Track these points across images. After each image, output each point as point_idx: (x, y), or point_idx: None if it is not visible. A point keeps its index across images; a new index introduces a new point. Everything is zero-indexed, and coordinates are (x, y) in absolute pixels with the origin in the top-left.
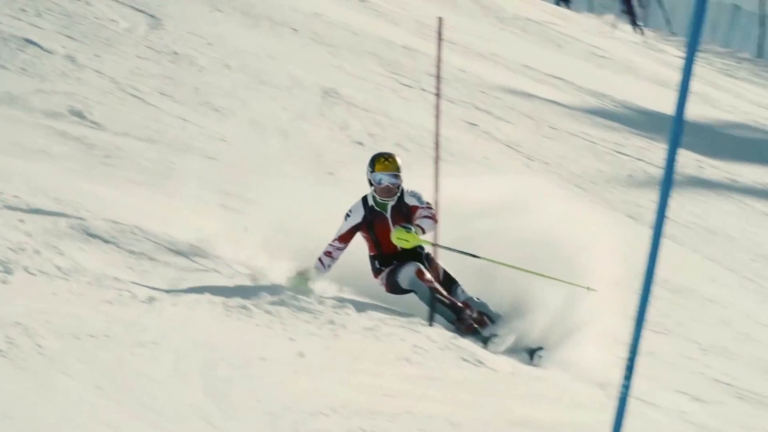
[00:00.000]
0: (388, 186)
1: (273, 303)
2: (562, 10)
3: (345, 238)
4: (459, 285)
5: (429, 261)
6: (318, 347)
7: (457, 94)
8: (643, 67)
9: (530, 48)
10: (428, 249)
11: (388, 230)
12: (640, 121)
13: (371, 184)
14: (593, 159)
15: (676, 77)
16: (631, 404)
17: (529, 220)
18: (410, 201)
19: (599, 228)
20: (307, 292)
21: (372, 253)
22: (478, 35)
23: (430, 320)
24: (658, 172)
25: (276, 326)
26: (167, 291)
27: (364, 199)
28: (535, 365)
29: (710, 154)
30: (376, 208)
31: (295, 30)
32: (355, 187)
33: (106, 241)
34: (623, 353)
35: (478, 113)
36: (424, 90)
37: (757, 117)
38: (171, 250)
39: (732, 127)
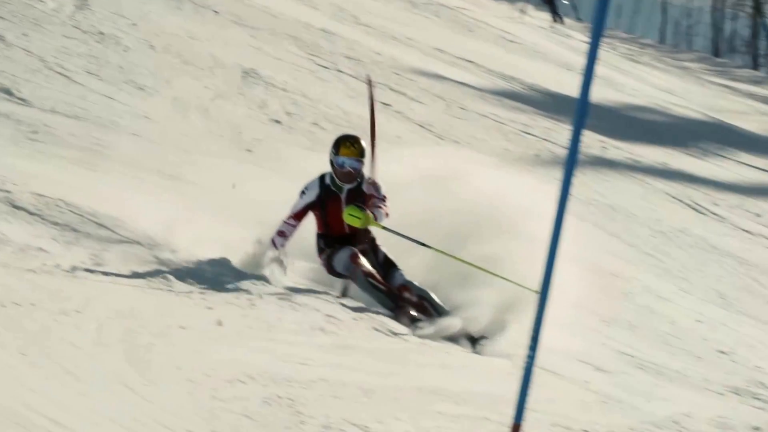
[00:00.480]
0: (349, 171)
1: (192, 274)
2: None
3: (299, 215)
4: (399, 270)
5: (373, 246)
6: (236, 316)
7: (372, 76)
8: (550, 51)
9: (442, 32)
10: (376, 234)
11: (340, 212)
12: (547, 103)
13: (333, 166)
14: (501, 139)
15: (582, 61)
16: (537, 374)
17: (466, 188)
18: (368, 190)
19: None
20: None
21: (320, 232)
22: (393, 20)
23: (344, 293)
24: (563, 152)
25: (195, 296)
26: (90, 261)
27: (322, 178)
28: (477, 353)
29: (613, 136)
30: (332, 188)
31: (216, 12)
32: (276, 165)
33: (31, 213)
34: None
35: (392, 94)
36: (340, 71)
37: (658, 100)
38: (95, 223)
39: (634, 109)
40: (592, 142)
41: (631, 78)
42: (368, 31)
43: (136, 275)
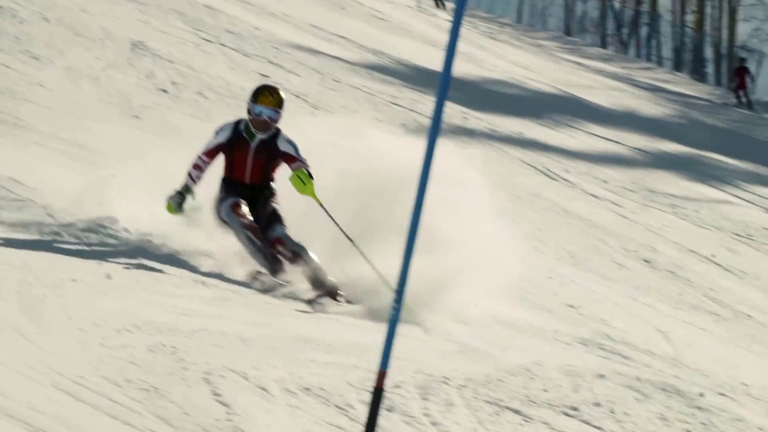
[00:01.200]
0: (265, 120)
1: (83, 230)
2: None
3: (211, 153)
4: (282, 225)
5: (266, 200)
6: (124, 270)
7: (252, 50)
8: (416, 29)
9: (317, 10)
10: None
11: (245, 159)
12: (413, 76)
13: (249, 114)
14: (371, 109)
15: (445, 39)
16: (401, 327)
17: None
18: (284, 147)
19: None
20: (178, 214)
21: (224, 176)
22: None
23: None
24: (428, 122)
25: (86, 251)
26: None
27: (237, 123)
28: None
29: (473, 107)
30: (244, 135)
31: None
32: (162, 131)
33: None
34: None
35: (270, 66)
36: (222, 45)
37: (515, 75)
38: None
39: (493, 83)
40: (454, 112)
41: (491, 54)
42: (248, 7)
43: (30, 232)
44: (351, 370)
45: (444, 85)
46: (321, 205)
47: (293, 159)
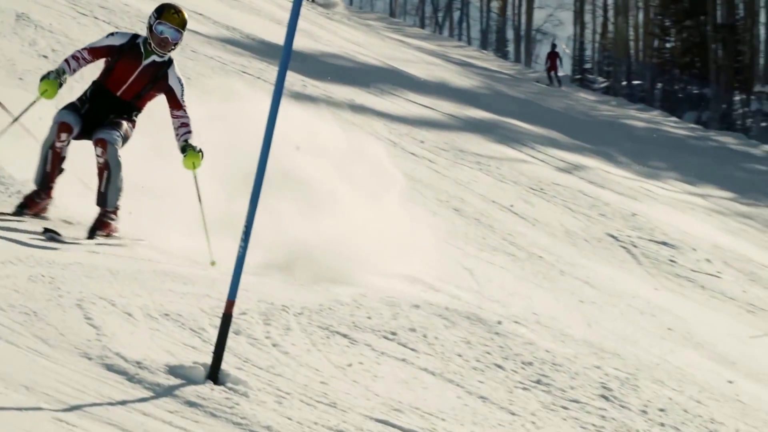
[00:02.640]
0: (167, 38)
1: None
2: None
3: (95, 53)
4: (118, 135)
5: (121, 118)
6: (9, 211)
7: (122, 23)
8: (264, 9)
9: None
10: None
11: (129, 73)
12: (261, 49)
13: (150, 31)
14: (224, 76)
15: (287, 17)
16: (246, 265)
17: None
18: (173, 82)
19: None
20: (52, 92)
21: (97, 79)
22: None
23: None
24: (272, 87)
25: None
26: None
27: (135, 36)
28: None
29: (312, 76)
30: (139, 48)
31: None
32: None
33: None
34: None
35: None
36: (96, 18)
37: (347, 50)
38: None
39: (328, 56)
40: (295, 81)
41: (326, 32)
42: None
43: None
44: (204, 299)
45: (285, 56)
46: (195, 178)
47: (176, 102)
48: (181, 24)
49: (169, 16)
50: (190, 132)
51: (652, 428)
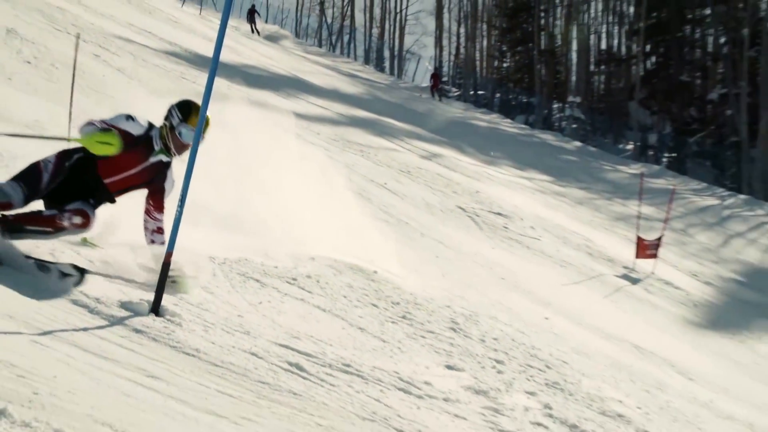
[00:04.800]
0: (187, 145)
1: None
2: None
3: (113, 128)
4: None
5: (98, 197)
6: None
7: (89, 38)
8: (199, 29)
9: (132, 13)
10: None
11: (130, 166)
12: (196, 60)
13: (170, 129)
14: (168, 82)
15: (216, 36)
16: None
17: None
18: (167, 185)
19: None
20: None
21: (82, 155)
22: (101, 3)
23: None
24: (203, 90)
25: None
26: None
27: (151, 127)
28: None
29: (235, 82)
30: (152, 143)
31: None
32: (25, 87)
33: None
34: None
35: (101, 49)
36: (68, 33)
37: (263, 63)
38: None
39: (248, 67)
40: (222, 85)
41: (247, 48)
42: (86, 9)
43: None
44: (144, 249)
45: (214, 66)
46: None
47: (160, 204)
48: (205, 128)
49: (196, 120)
50: (163, 243)
51: (488, 353)
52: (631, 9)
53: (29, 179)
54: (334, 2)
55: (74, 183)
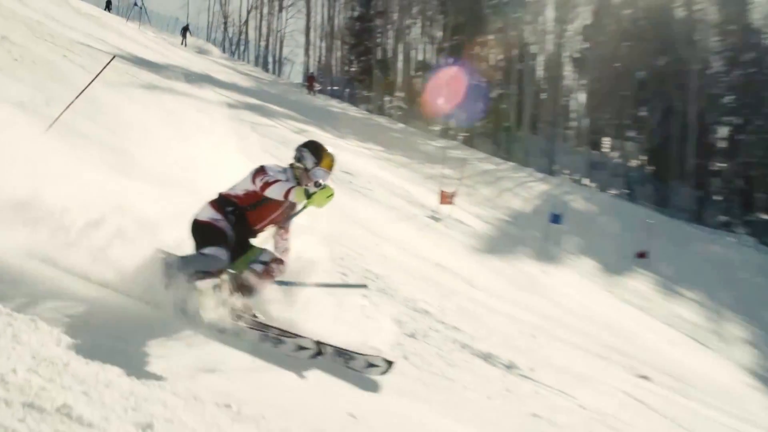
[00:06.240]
0: (320, 182)
1: None
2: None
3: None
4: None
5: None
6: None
7: (60, 43)
8: (138, 39)
9: (92, 26)
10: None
11: (275, 210)
12: (135, 60)
13: (305, 171)
14: (116, 75)
15: (153, 47)
16: None
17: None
18: (296, 215)
19: None
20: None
21: (241, 204)
22: (67, 18)
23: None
24: (139, 82)
25: None
26: None
27: (285, 170)
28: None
29: (165, 77)
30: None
31: None
32: (10, 78)
33: None
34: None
35: (69, 52)
36: (45, 40)
37: (183, 63)
38: None
39: (173, 66)
40: (153, 80)
41: (172, 53)
42: (58, 23)
43: None
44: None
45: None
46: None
47: (287, 228)
48: (333, 167)
49: (328, 162)
50: (286, 262)
51: (335, 268)
52: (440, 33)
53: (223, 239)
54: (234, 22)
55: (239, 240)
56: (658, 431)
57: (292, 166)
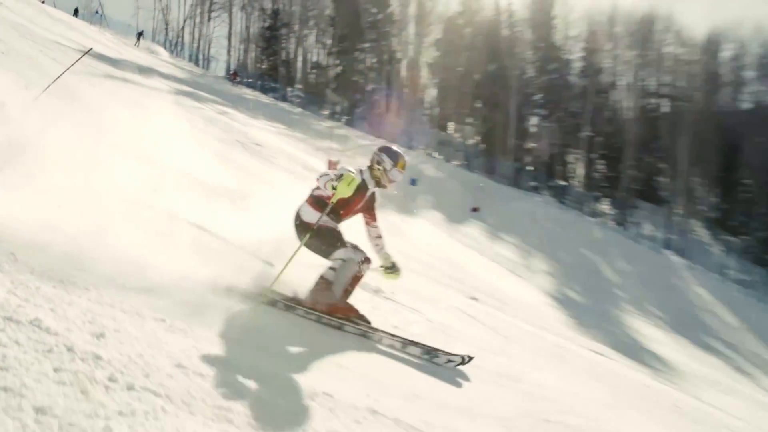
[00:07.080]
0: (397, 182)
1: None
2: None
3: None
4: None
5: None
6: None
7: (39, 41)
8: (100, 40)
9: (63, 29)
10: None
11: (357, 204)
12: (97, 56)
13: (384, 172)
14: (82, 67)
15: (115, 49)
16: None
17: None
18: (376, 203)
19: None
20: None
21: (334, 207)
22: (43, 21)
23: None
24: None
25: None
26: None
27: (361, 173)
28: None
29: (122, 70)
30: (366, 185)
31: None
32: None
33: None
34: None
35: (44, 48)
36: (27, 39)
37: (137, 60)
38: None
39: (126, 62)
40: (112, 71)
41: (126, 51)
42: (36, 24)
43: None
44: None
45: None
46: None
47: (374, 216)
48: (405, 168)
49: (402, 164)
50: (384, 243)
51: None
52: (329, 40)
53: (343, 237)
54: (173, 27)
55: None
56: (482, 336)
57: (370, 167)
